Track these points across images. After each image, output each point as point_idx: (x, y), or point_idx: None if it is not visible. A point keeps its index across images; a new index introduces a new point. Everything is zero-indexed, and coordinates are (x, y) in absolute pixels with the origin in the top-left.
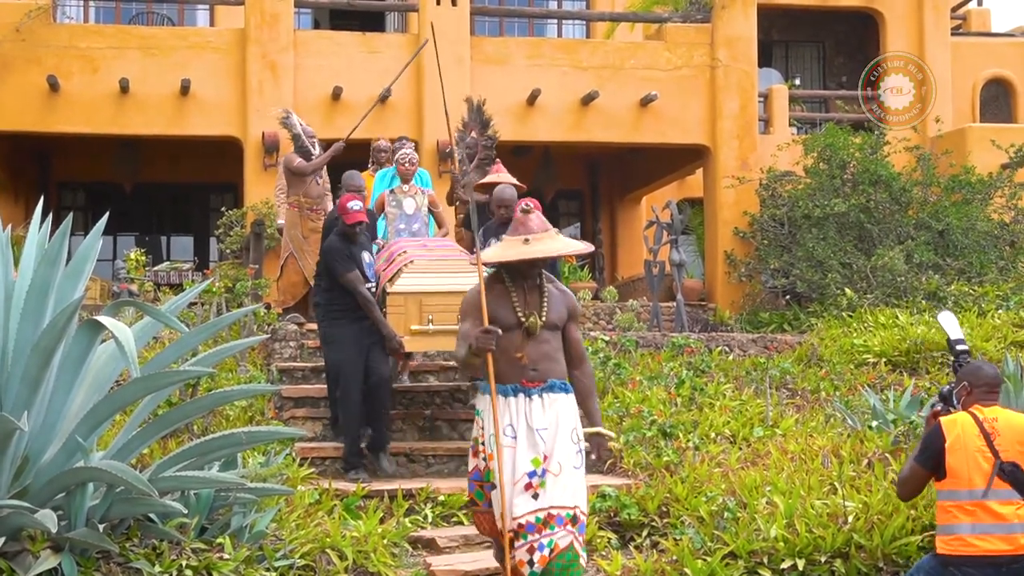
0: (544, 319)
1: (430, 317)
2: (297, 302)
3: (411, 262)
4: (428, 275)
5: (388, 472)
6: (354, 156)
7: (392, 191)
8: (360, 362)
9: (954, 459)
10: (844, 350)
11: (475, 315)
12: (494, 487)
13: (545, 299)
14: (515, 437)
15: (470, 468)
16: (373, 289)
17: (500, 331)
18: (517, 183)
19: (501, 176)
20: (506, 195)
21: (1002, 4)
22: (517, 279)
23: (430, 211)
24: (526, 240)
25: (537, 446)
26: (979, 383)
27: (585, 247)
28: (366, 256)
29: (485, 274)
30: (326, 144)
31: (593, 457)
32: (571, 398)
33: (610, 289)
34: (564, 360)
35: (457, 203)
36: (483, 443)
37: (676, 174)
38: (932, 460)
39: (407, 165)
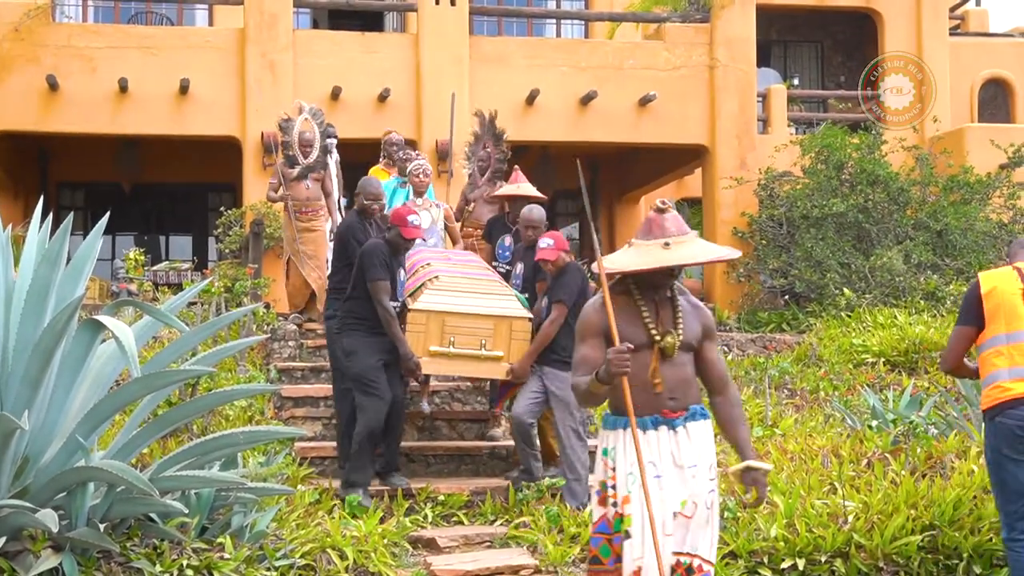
0: (681, 338)
1: (452, 339)
2: (302, 307)
3: (436, 277)
4: (453, 294)
5: (403, 486)
6: (360, 157)
7: (405, 205)
8: (383, 371)
9: (991, 304)
10: (843, 350)
11: (595, 337)
12: (628, 536)
13: (680, 315)
14: (659, 476)
15: (595, 519)
16: (397, 308)
17: (632, 347)
18: (539, 194)
19: (521, 187)
20: (535, 216)
21: (1000, 4)
22: (647, 291)
23: (444, 226)
24: (666, 244)
25: (687, 483)
26: (1017, 248)
27: (730, 253)
28: (401, 274)
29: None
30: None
31: (748, 498)
32: (709, 425)
33: None
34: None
35: (465, 218)
36: (613, 486)
37: (675, 174)
38: (971, 313)
39: (421, 177)
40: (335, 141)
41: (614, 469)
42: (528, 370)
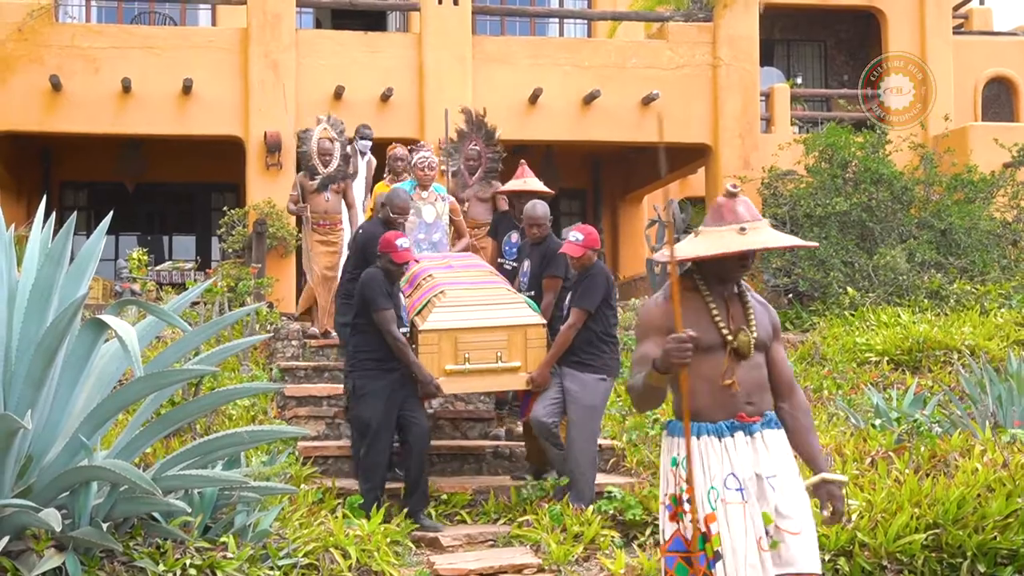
0: (755, 336)
1: (466, 355)
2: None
3: (442, 293)
4: (463, 309)
5: (438, 529)
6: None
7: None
8: (392, 419)
9: None
10: (846, 349)
11: (660, 335)
12: (719, 557)
13: (751, 311)
14: (740, 489)
15: (667, 536)
16: (406, 334)
17: (695, 334)
18: (546, 189)
19: (528, 182)
20: (538, 212)
21: (1004, 3)
22: (715, 286)
23: (451, 220)
24: (742, 229)
25: (767, 498)
26: None
27: (807, 242)
28: (402, 299)
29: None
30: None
31: (826, 514)
32: (784, 435)
33: None
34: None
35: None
36: (690, 500)
37: (678, 173)
38: None
39: (426, 171)
40: (370, 143)
41: (689, 482)
42: (548, 377)
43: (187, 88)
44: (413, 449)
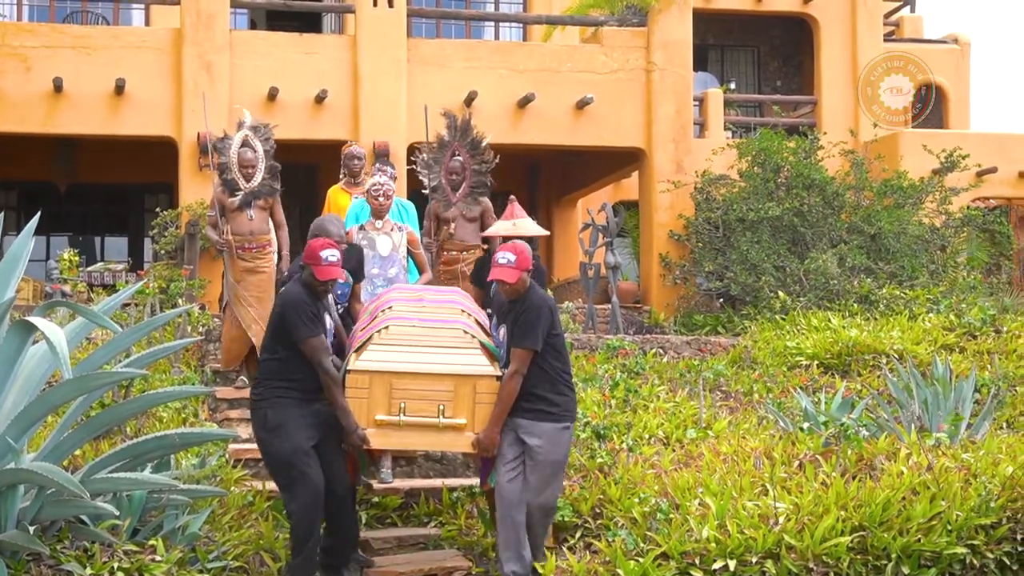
0: None
1: (402, 405)
2: (242, 363)
3: (386, 328)
4: (402, 349)
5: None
6: (296, 159)
7: (363, 227)
8: (312, 452)
9: None
10: (777, 352)
11: None
12: None
13: None
14: None
15: None
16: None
17: None
18: (541, 231)
19: (518, 224)
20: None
21: (934, 11)
22: None
23: (409, 252)
24: None
25: None
26: None
27: None
28: (327, 320)
29: None
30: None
31: None
32: None
33: None
34: None
35: (444, 240)
36: None
37: (612, 177)
38: None
39: (381, 200)
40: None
41: None
42: (496, 439)
43: (120, 88)
44: (336, 510)
